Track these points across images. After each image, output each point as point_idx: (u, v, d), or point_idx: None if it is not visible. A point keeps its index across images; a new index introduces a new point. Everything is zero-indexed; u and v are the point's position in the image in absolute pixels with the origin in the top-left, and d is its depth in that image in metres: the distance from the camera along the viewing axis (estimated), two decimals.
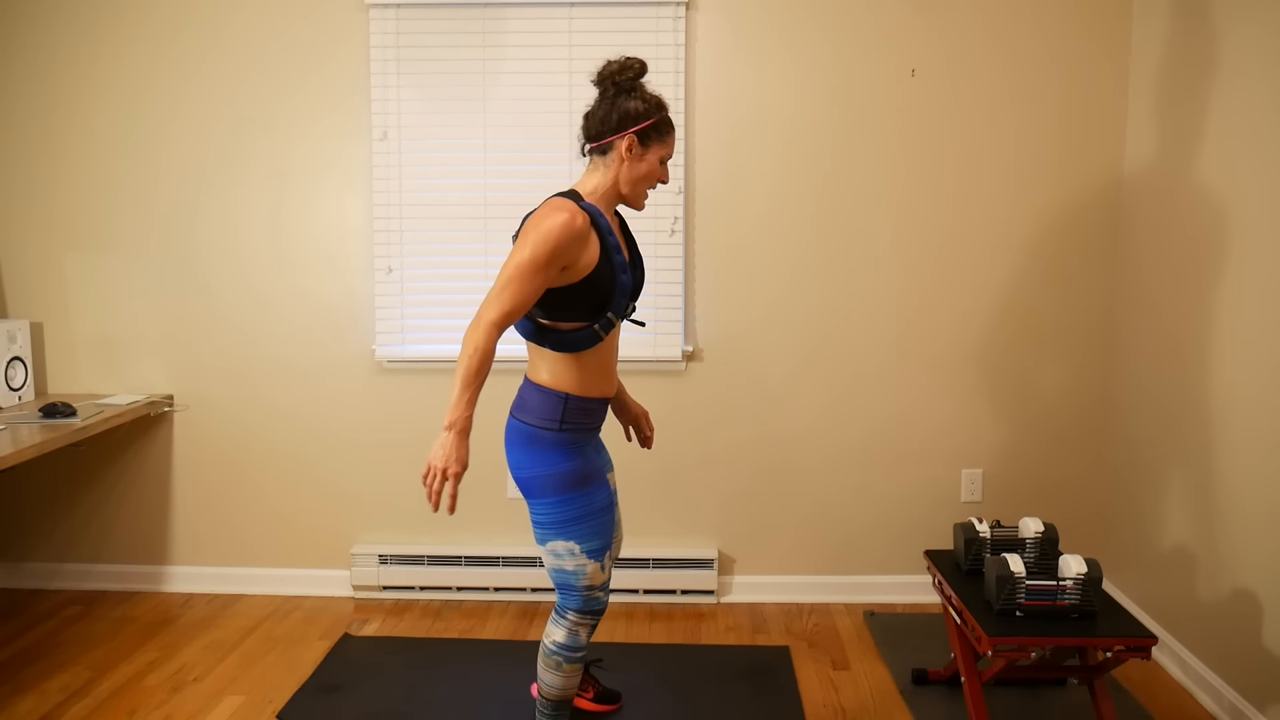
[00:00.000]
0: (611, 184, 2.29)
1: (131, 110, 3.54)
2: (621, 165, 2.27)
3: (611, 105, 2.25)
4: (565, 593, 2.36)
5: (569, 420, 2.28)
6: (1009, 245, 3.51)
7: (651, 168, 2.29)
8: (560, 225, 2.12)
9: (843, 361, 3.57)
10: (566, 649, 2.37)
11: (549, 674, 2.40)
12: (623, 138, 2.25)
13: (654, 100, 2.28)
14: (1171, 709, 2.86)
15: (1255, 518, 2.67)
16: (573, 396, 2.28)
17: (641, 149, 2.27)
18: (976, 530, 2.80)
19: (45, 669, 3.08)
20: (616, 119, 2.25)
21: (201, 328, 3.63)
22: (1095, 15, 3.41)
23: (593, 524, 2.31)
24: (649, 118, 2.25)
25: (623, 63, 2.26)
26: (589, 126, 2.30)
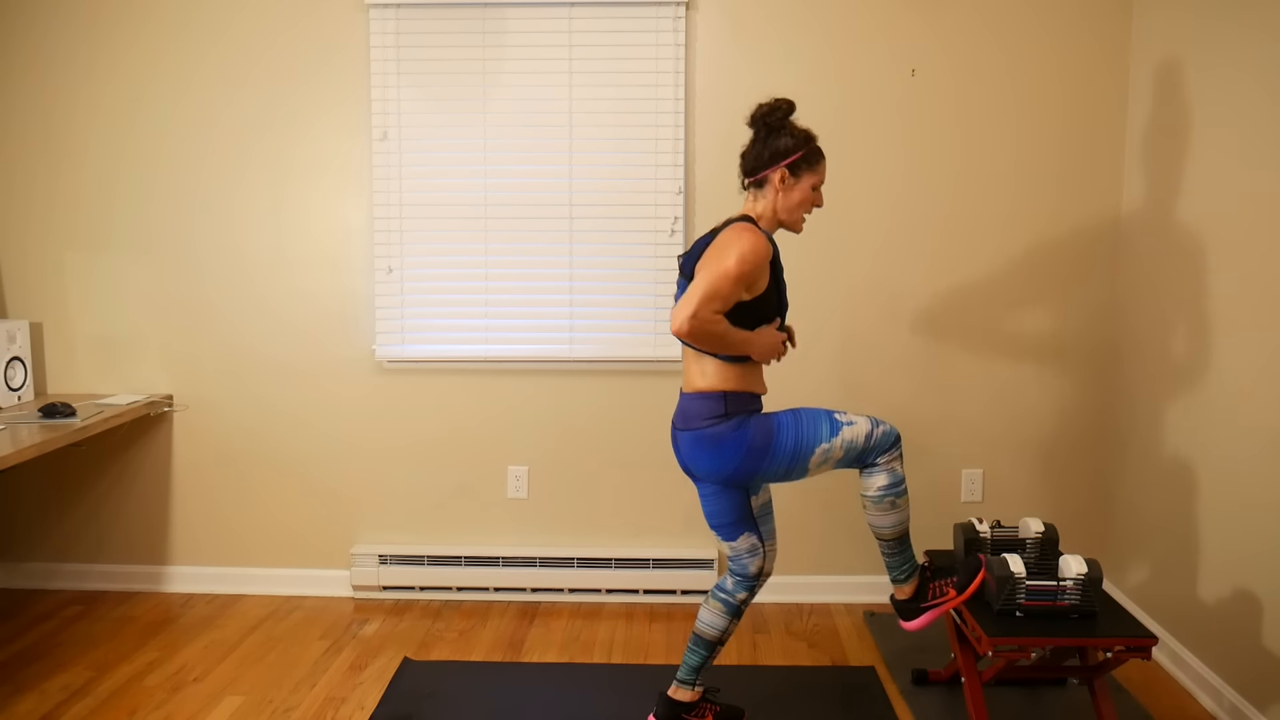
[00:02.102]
0: (771, 212, 2.50)
1: (131, 110, 3.54)
2: (777, 195, 2.48)
3: (764, 143, 2.48)
4: (863, 457, 2.49)
5: (732, 408, 2.46)
6: (1009, 244, 3.51)
7: (804, 195, 2.50)
8: (759, 247, 2.35)
9: (842, 361, 3.57)
10: (892, 487, 2.48)
11: (885, 516, 2.50)
12: (775, 171, 2.46)
13: (802, 135, 2.48)
14: (1171, 709, 2.86)
15: (1255, 518, 2.67)
16: (730, 393, 2.46)
17: (794, 179, 2.48)
18: (976, 530, 2.80)
19: (45, 669, 3.08)
20: (769, 155, 2.47)
21: (201, 328, 3.63)
22: (1095, 14, 3.41)
23: (806, 427, 2.46)
24: (797, 150, 2.46)
25: (772, 104, 2.48)
26: (745, 163, 2.52)
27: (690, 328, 2.30)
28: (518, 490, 3.66)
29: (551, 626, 3.43)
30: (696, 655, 2.63)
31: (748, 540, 2.59)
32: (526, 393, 3.62)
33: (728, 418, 2.45)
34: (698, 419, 2.47)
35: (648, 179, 3.49)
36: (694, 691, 2.66)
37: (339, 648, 3.26)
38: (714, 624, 2.62)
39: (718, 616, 2.62)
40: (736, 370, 2.47)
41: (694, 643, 2.64)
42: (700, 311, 2.30)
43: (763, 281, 2.41)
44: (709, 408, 2.46)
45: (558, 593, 3.64)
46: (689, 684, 2.65)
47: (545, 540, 3.68)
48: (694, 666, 2.63)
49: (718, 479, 2.51)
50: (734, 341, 2.39)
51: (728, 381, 2.46)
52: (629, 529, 3.67)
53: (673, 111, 3.46)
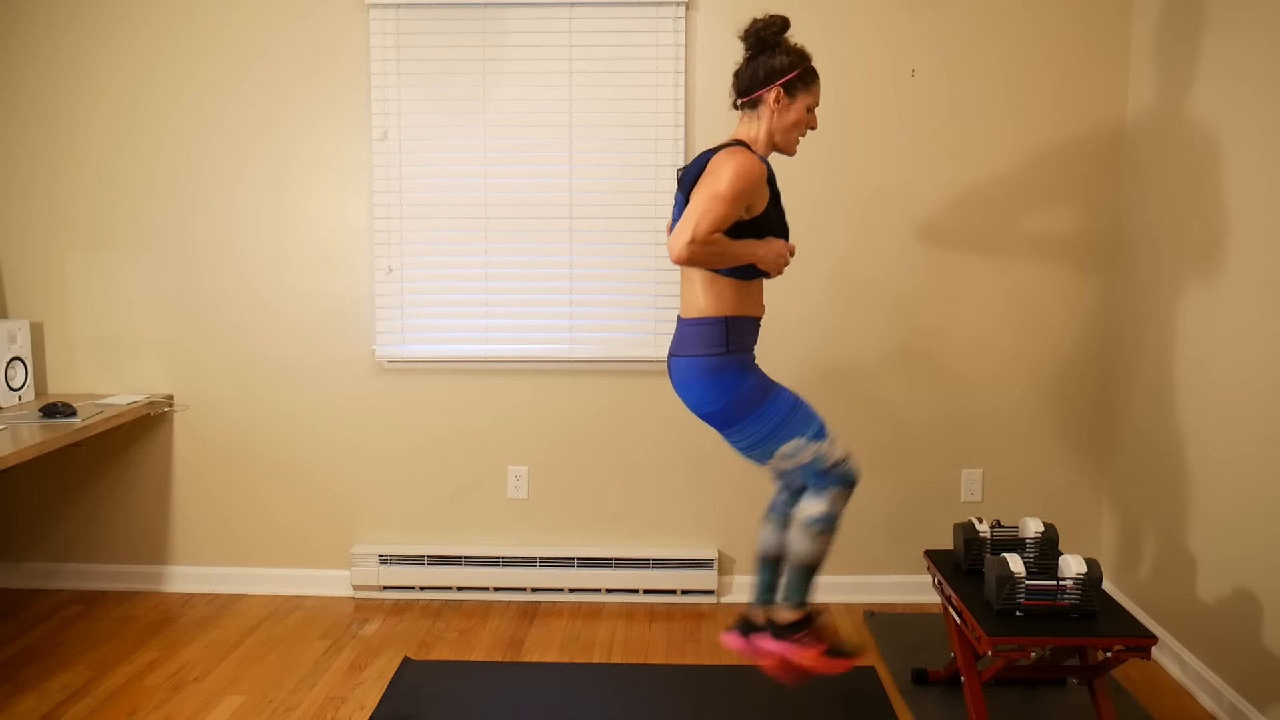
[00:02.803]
0: (766, 134, 2.44)
1: (131, 110, 3.54)
2: (772, 116, 2.42)
3: (759, 61, 2.40)
4: (820, 477, 2.48)
5: (733, 341, 2.41)
6: (1009, 245, 3.51)
7: (800, 115, 2.44)
8: (751, 166, 2.30)
9: (842, 361, 3.57)
10: (825, 519, 2.47)
11: (806, 542, 2.49)
12: (770, 90, 2.40)
13: (797, 52, 2.42)
14: (1171, 709, 2.86)
15: (1255, 518, 2.67)
16: (732, 318, 2.42)
17: (789, 99, 2.42)
18: (976, 530, 2.80)
19: (45, 669, 3.08)
20: (764, 74, 2.40)
21: (201, 328, 3.63)
22: (1094, 16, 3.41)
23: (798, 416, 2.44)
24: (794, 69, 2.40)
25: (767, 19, 2.40)
26: (739, 83, 2.44)
27: (690, 253, 2.25)
28: (518, 490, 3.66)
29: (551, 626, 3.43)
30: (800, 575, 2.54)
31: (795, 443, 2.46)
32: (526, 393, 3.62)
33: (729, 352, 2.40)
34: (697, 346, 2.42)
35: (648, 179, 3.49)
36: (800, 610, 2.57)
37: (339, 648, 3.26)
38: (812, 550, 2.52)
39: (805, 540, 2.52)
40: (734, 292, 2.41)
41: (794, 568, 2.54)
42: (698, 235, 2.24)
43: (761, 201, 2.37)
44: (710, 335, 2.40)
45: (558, 593, 3.64)
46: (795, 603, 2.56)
47: (545, 540, 3.68)
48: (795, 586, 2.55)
49: (700, 412, 2.46)
50: (739, 253, 2.34)
51: (727, 305, 2.41)
52: (629, 529, 3.67)
53: (673, 111, 3.46)
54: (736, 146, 2.39)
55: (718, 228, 2.27)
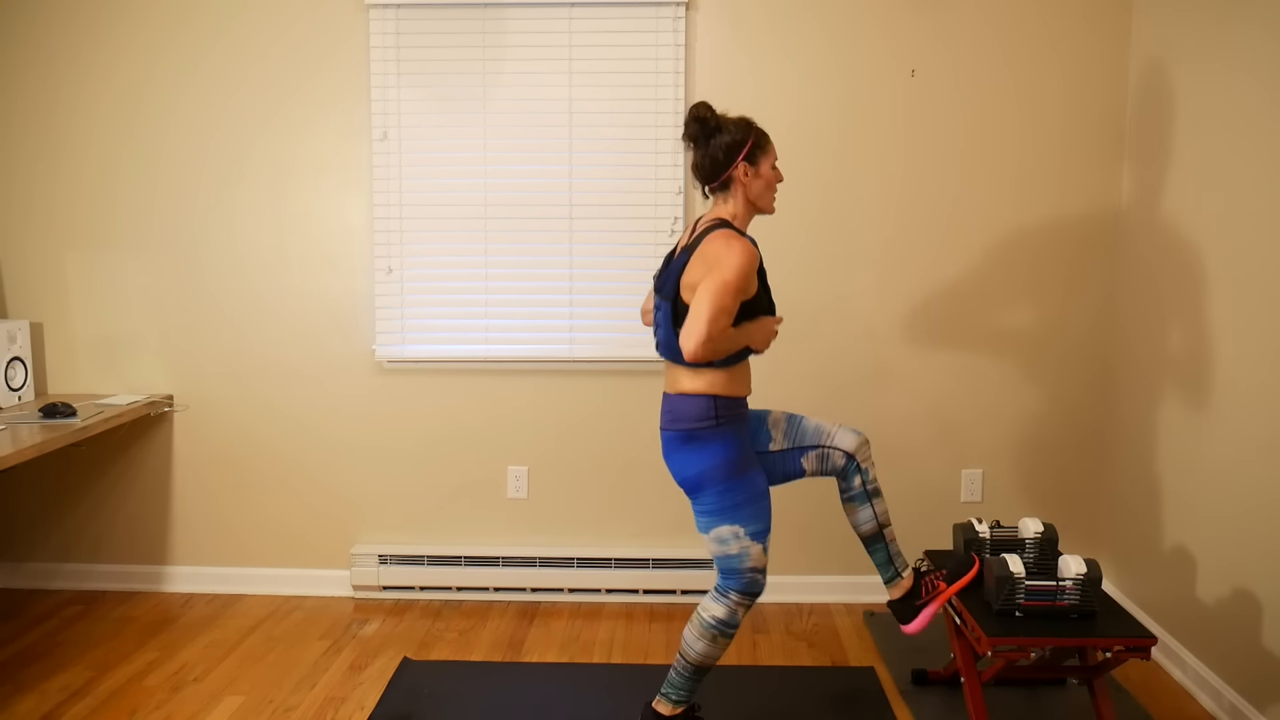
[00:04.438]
0: (744, 207, 2.51)
1: (131, 110, 3.54)
2: (745, 189, 2.49)
3: (711, 147, 2.47)
4: (728, 576, 2.51)
5: (721, 414, 2.46)
6: (1009, 245, 3.51)
7: (768, 177, 2.51)
8: (751, 253, 2.35)
9: (841, 361, 3.57)
10: (725, 624, 2.51)
11: (700, 643, 2.52)
12: (736, 167, 2.46)
13: (742, 123, 2.49)
14: (1171, 709, 2.86)
15: (1255, 519, 2.67)
16: (720, 396, 2.46)
17: (754, 168, 2.48)
18: (976, 530, 2.80)
19: (45, 669, 3.08)
20: (723, 156, 2.46)
21: (201, 328, 3.63)
22: (1096, 14, 3.41)
23: (755, 508, 2.48)
24: (747, 141, 2.46)
25: (693, 114, 2.46)
26: (702, 173, 2.51)
27: (706, 352, 2.29)
28: (517, 490, 3.66)
29: (551, 626, 3.43)
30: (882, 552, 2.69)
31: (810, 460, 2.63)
32: (526, 393, 3.62)
33: (718, 423, 2.45)
34: (686, 420, 2.47)
35: (648, 179, 3.49)
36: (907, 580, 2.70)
37: (339, 648, 3.26)
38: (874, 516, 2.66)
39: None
40: (725, 373, 2.47)
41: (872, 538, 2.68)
42: (712, 333, 2.28)
43: (752, 286, 2.41)
44: (700, 409, 2.45)
45: (558, 593, 3.65)
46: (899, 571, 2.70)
47: (545, 540, 3.68)
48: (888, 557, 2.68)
49: (676, 477, 2.52)
50: (739, 341, 2.40)
51: (716, 385, 2.46)
52: (629, 529, 3.67)
53: (673, 111, 3.46)
54: (726, 230, 2.41)
55: (729, 322, 2.32)
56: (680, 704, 2.58)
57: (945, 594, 2.64)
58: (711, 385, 2.46)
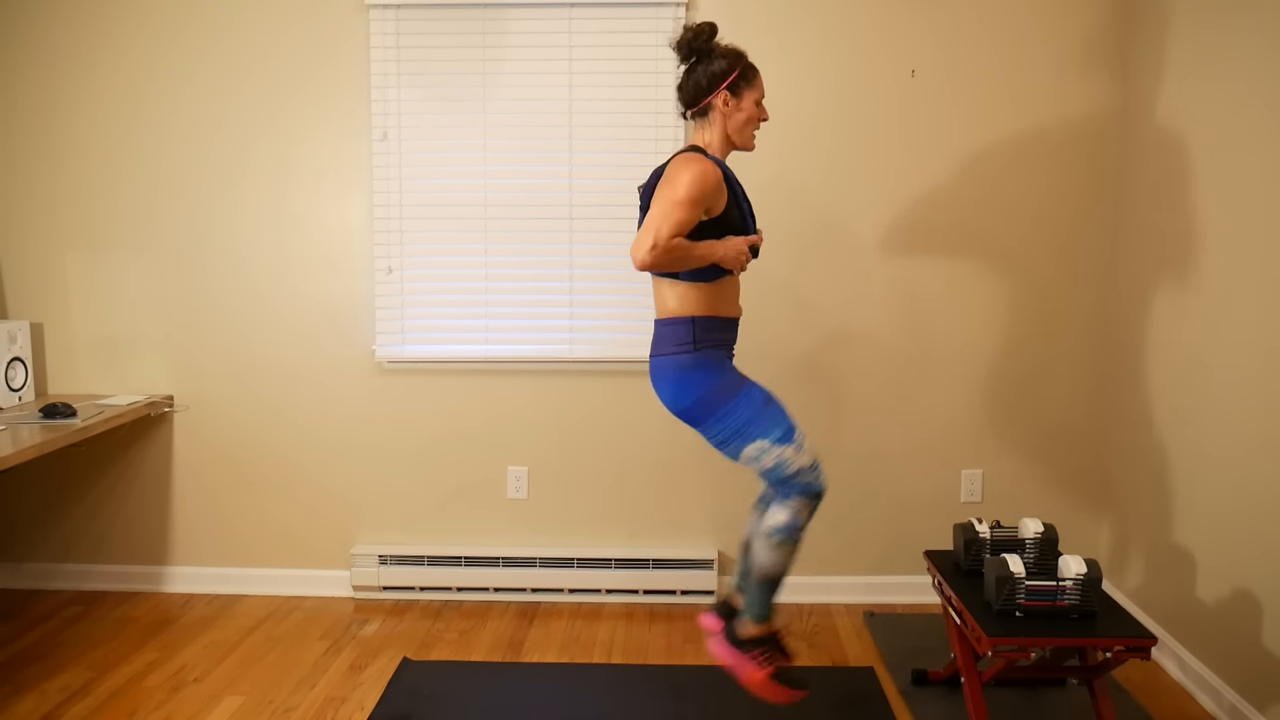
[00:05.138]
0: (721, 137, 2.49)
1: (132, 110, 3.54)
2: (724, 120, 2.47)
3: (699, 71, 2.45)
4: (782, 485, 2.45)
5: (700, 338, 2.43)
6: (1009, 245, 3.51)
7: (750, 112, 2.48)
8: (705, 170, 2.34)
9: (841, 361, 3.57)
10: (789, 530, 2.44)
11: (770, 553, 2.45)
12: (717, 95, 2.44)
13: (733, 53, 2.46)
14: (1171, 709, 2.86)
15: (1255, 518, 2.67)
16: (698, 318, 2.44)
17: (736, 99, 2.46)
18: (976, 530, 2.80)
19: (45, 669, 3.08)
20: (706, 81, 2.44)
21: (202, 328, 3.63)
22: (1093, 14, 3.41)
23: (766, 416, 2.42)
24: (734, 70, 2.44)
25: (694, 29, 2.44)
26: (683, 95, 2.49)
27: (652, 259, 2.27)
28: (517, 490, 3.66)
29: (551, 627, 3.43)
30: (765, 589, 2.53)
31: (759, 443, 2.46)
32: (526, 393, 3.62)
33: (695, 347, 2.42)
34: (667, 344, 2.45)
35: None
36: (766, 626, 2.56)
37: (339, 648, 3.26)
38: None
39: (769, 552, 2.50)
40: (704, 292, 2.43)
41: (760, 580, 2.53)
42: (659, 241, 2.27)
43: (720, 202, 2.39)
44: (678, 334, 2.44)
45: (557, 593, 3.64)
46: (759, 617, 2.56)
47: (545, 540, 3.68)
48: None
49: (672, 409, 2.48)
50: (700, 255, 2.36)
51: (695, 305, 2.44)
52: (629, 529, 3.67)
53: (673, 112, 3.46)
54: (691, 153, 2.42)
55: (678, 232, 2.29)
56: (762, 620, 2.51)
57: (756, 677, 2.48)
58: (691, 304, 2.44)
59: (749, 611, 2.53)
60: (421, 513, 3.69)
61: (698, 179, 2.32)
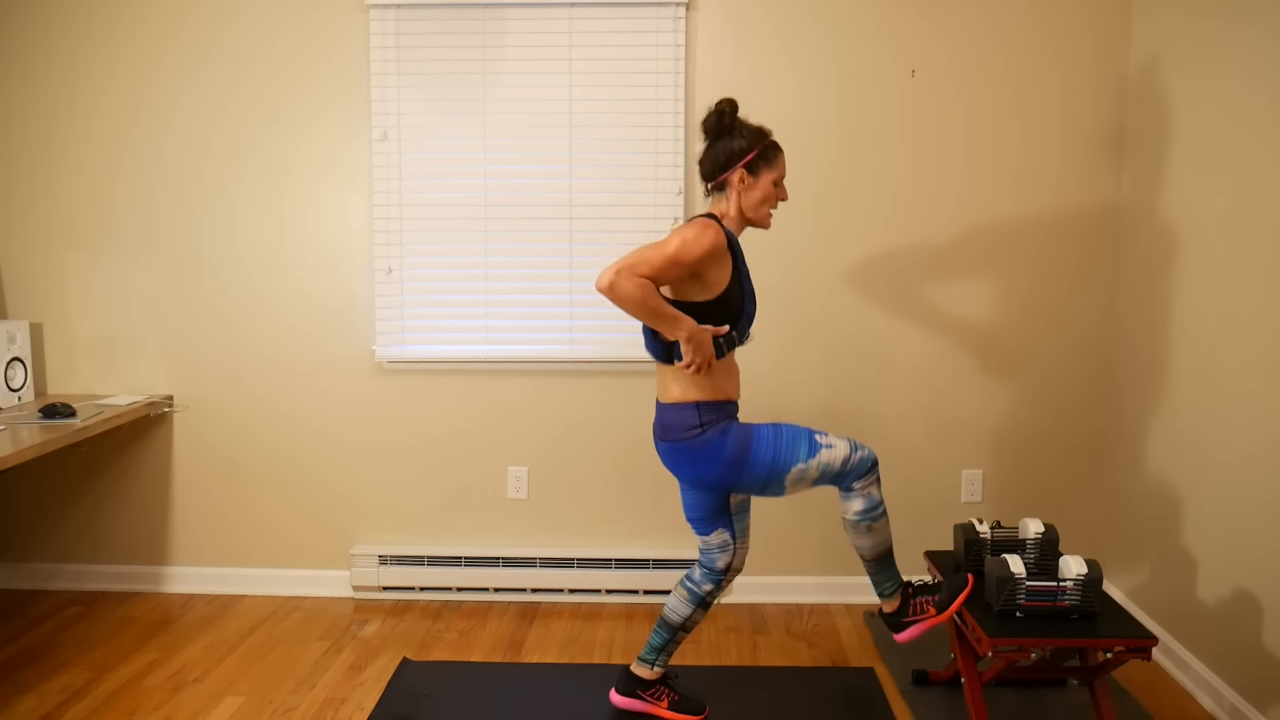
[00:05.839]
0: (736, 212, 2.53)
1: (131, 110, 3.54)
2: (739, 196, 2.51)
3: (718, 148, 2.50)
4: (840, 479, 2.52)
5: (706, 419, 2.48)
6: (1009, 245, 3.51)
7: (766, 191, 2.52)
8: (706, 235, 2.37)
9: (841, 361, 3.57)
10: (868, 512, 2.53)
11: (862, 538, 2.56)
12: (734, 173, 2.49)
13: (755, 132, 2.51)
14: (1171, 709, 2.86)
15: (1255, 518, 2.67)
16: (703, 403, 2.48)
17: (753, 178, 2.50)
18: (976, 531, 2.80)
19: (45, 669, 3.08)
20: (724, 158, 2.49)
21: (201, 328, 3.63)
22: (1095, 14, 3.41)
23: (785, 445, 2.48)
24: (752, 149, 2.49)
25: (716, 110, 2.49)
26: (703, 170, 2.54)
27: (611, 281, 2.30)
28: (517, 490, 3.66)
29: (551, 627, 3.43)
30: (659, 636, 2.73)
31: (720, 536, 2.65)
32: (526, 393, 3.62)
33: (703, 429, 2.47)
34: (675, 431, 2.50)
35: (648, 179, 3.49)
36: (654, 671, 2.75)
37: (339, 648, 3.26)
38: (678, 610, 2.71)
39: (682, 604, 2.71)
40: (709, 378, 2.48)
41: (659, 624, 2.73)
42: (624, 270, 2.30)
43: (719, 276, 2.42)
44: (684, 420, 2.48)
45: (558, 593, 3.64)
46: (649, 662, 2.75)
47: (545, 540, 3.68)
48: (655, 646, 2.74)
49: (698, 485, 2.56)
50: (666, 313, 2.36)
51: (699, 390, 2.48)
52: (629, 529, 3.67)
53: (673, 112, 3.46)
54: (703, 218, 2.47)
55: (649, 275, 2.32)
56: (899, 588, 2.64)
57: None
58: (695, 390, 2.48)
59: (886, 591, 2.64)
60: (421, 513, 3.69)
61: (693, 240, 2.35)
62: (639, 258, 2.33)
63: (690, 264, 2.37)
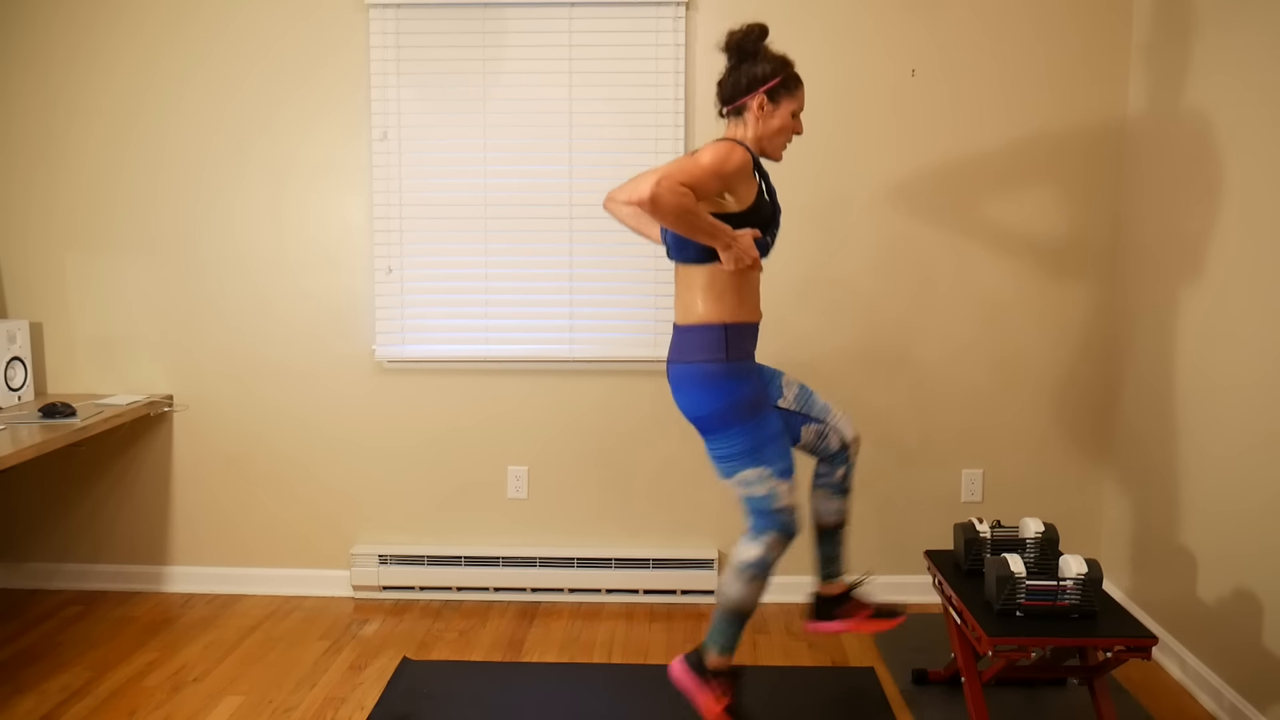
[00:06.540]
0: (753, 139, 2.46)
1: (131, 110, 3.54)
2: (757, 123, 2.44)
3: (741, 70, 2.43)
4: (760, 516, 2.48)
5: (733, 348, 2.42)
6: (1008, 245, 3.51)
7: (784, 121, 2.46)
8: (732, 149, 2.31)
9: (841, 361, 3.57)
10: (759, 565, 2.48)
11: (736, 584, 2.49)
12: (754, 97, 2.42)
13: (778, 60, 2.44)
14: (1171, 709, 2.86)
15: (1255, 517, 2.67)
16: (730, 324, 2.42)
17: (772, 105, 2.44)
18: (976, 530, 2.80)
19: (45, 669, 3.08)
20: (746, 82, 2.42)
21: (201, 327, 3.63)
22: (1094, 15, 3.41)
23: (775, 447, 2.45)
24: (775, 76, 2.42)
25: (745, 29, 2.41)
26: (722, 91, 2.47)
27: (653, 193, 2.15)
28: (517, 490, 3.66)
29: (551, 626, 3.43)
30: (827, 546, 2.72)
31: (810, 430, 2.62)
32: (526, 393, 3.62)
33: (729, 359, 2.41)
34: (698, 352, 2.42)
35: None
36: (841, 583, 2.74)
37: (339, 648, 3.26)
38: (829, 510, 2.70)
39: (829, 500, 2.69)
40: (731, 296, 2.41)
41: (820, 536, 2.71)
42: (664, 181, 2.16)
43: (747, 190, 2.37)
44: (711, 341, 2.41)
45: (557, 593, 3.64)
46: (834, 576, 2.74)
47: (545, 540, 3.68)
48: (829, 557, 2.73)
49: (689, 415, 2.47)
50: (706, 224, 2.26)
51: (725, 311, 2.41)
52: (629, 529, 3.67)
53: (673, 111, 3.46)
54: (725, 140, 2.40)
55: (688, 183, 2.21)
56: (725, 652, 2.53)
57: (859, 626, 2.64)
58: (721, 308, 2.40)
59: (713, 642, 2.54)
60: (421, 512, 3.69)
61: (723, 153, 2.29)
62: (677, 167, 2.23)
63: (728, 176, 2.29)
